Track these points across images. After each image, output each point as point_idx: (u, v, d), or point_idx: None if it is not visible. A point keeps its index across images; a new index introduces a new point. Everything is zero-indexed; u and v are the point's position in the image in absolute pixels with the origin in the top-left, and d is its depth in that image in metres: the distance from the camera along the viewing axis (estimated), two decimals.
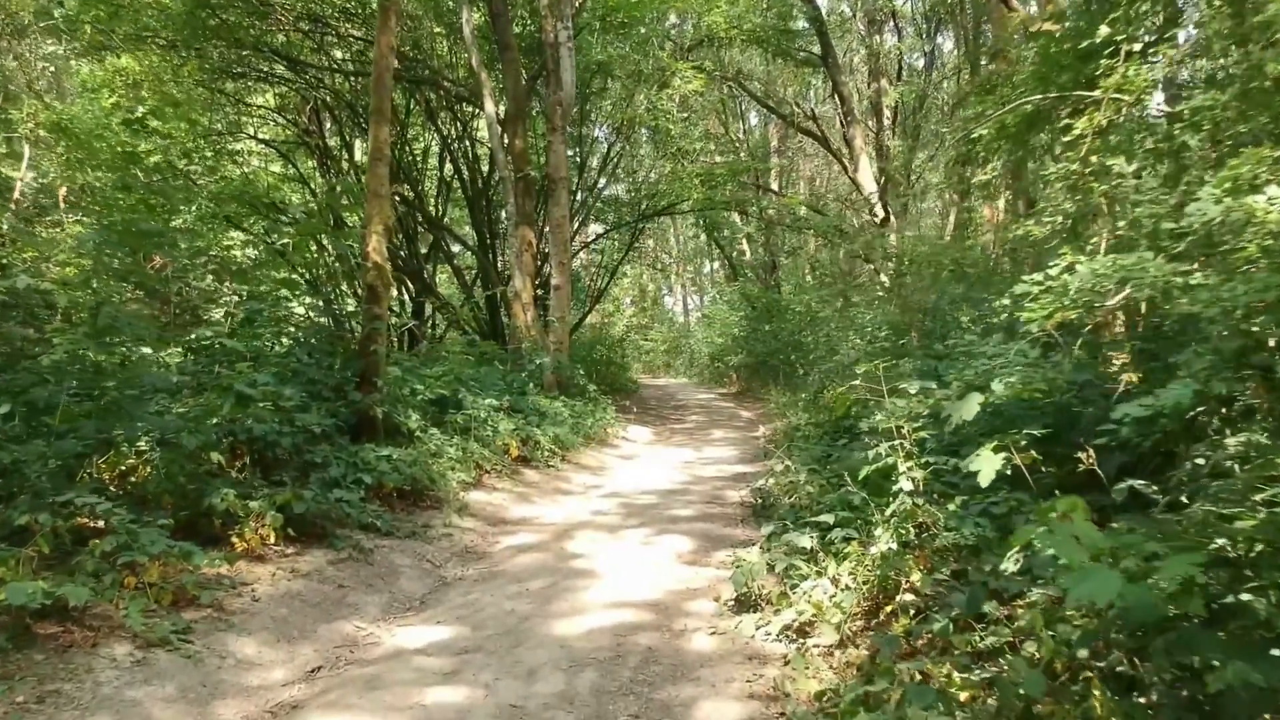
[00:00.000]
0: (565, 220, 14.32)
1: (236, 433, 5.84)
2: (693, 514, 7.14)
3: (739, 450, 11.63)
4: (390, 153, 7.78)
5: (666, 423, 16.33)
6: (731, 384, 25.32)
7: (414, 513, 6.73)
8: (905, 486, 3.63)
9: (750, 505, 7.28)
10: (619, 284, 31.66)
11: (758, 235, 27.27)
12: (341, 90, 18.06)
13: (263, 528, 5.29)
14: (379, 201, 7.38)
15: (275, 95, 20.76)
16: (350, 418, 7.10)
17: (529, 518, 7.32)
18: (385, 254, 7.39)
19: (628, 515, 7.16)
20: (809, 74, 25.63)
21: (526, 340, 13.63)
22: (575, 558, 5.87)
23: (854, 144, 19.47)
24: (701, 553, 5.93)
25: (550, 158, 14.03)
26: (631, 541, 6.29)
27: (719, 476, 9.21)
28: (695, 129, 19.89)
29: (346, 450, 6.54)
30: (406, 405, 7.62)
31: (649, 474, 9.54)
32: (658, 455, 11.51)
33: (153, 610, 4.26)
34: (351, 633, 4.58)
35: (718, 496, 7.98)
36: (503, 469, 8.50)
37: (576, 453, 10.46)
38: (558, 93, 13.58)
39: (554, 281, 14.07)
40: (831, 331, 19.11)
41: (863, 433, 8.18)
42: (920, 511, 3.71)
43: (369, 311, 7.31)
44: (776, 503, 6.82)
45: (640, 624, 4.52)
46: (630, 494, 8.24)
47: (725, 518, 6.96)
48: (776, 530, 5.66)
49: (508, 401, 9.64)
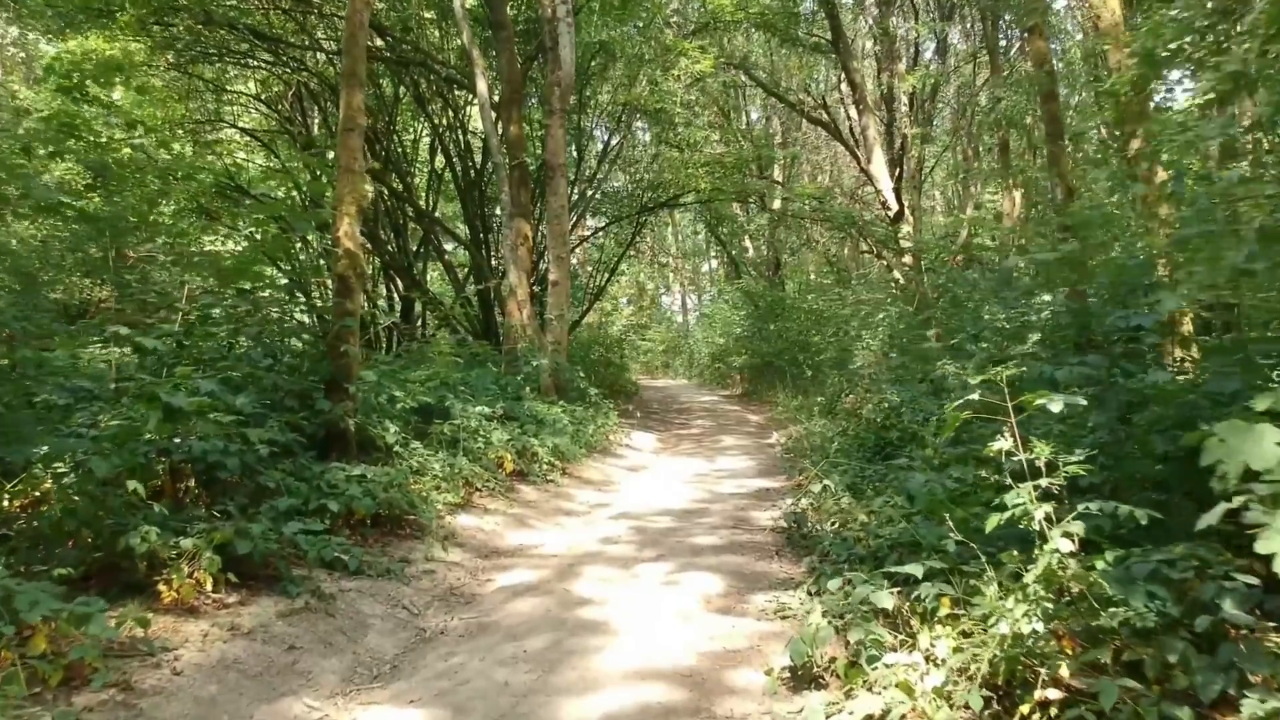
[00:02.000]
0: (563, 211, 13.29)
1: (172, 452, 4.82)
2: (718, 542, 6.12)
3: (754, 460, 10.63)
4: (365, 122, 6.73)
5: (671, 428, 15.31)
6: (734, 386, 24.35)
7: (390, 544, 5.69)
8: (1062, 546, 2.63)
9: (783, 531, 6.27)
10: (617, 282, 30.67)
11: (761, 232, 26.28)
12: (326, 75, 17.01)
13: (198, 571, 4.27)
14: (351, 178, 6.34)
15: (257, 82, 19.75)
16: (317, 430, 6.06)
17: (526, 547, 6.29)
18: (358, 239, 6.35)
19: (642, 544, 6.13)
20: (814, 64, 24.69)
21: (522, 340, 12.61)
22: (583, 604, 4.85)
23: (867, 134, 18.49)
24: (736, 596, 4.92)
25: (548, 143, 12.99)
26: (650, 580, 5.26)
27: (739, 493, 8.20)
28: (700, 117, 18.89)
29: (310, 470, 5.51)
30: (384, 415, 6.59)
31: (661, 490, 8.52)
32: (667, 466, 10.49)
33: (34, 696, 3.25)
34: (300, 716, 3.55)
35: (743, 518, 6.97)
36: (496, 487, 7.47)
37: (578, 465, 9.43)
38: (556, 72, 12.55)
39: (551, 277, 13.04)
40: (849, 330, 18.15)
41: (898, 446, 7.22)
42: (1072, 577, 2.69)
43: (339, 306, 6.27)
44: (816, 531, 5.82)
45: (673, 707, 3.50)
46: (642, 515, 7.22)
47: (757, 548, 5.94)
48: (825, 571, 4.67)
49: (501, 409, 8.61)
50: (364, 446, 6.38)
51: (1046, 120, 11.77)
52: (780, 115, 27.42)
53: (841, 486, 6.13)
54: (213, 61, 17.39)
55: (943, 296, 14.44)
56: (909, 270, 17.28)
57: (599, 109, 18.06)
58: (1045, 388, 3.48)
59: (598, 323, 25.80)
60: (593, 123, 17.62)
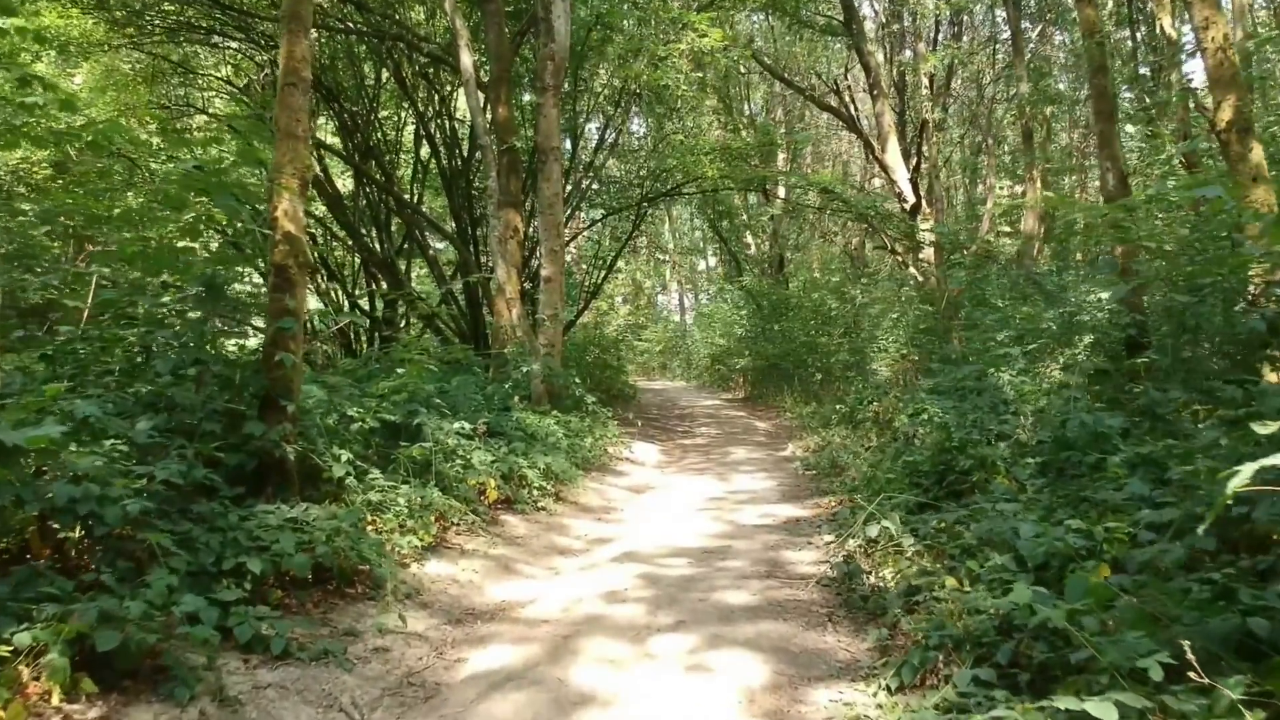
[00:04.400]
0: (558, 200, 12.05)
1: (25, 501, 3.57)
2: (751, 600, 4.88)
3: (773, 480, 9.39)
4: (310, 76, 5.47)
5: (674, 437, 14.08)
6: (737, 389, 23.14)
7: (334, 609, 4.44)
8: None
9: (831, 583, 5.04)
10: (612, 280, 29.43)
11: (764, 227, 25.07)
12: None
13: (42, 677, 3.03)
14: (292, 144, 5.08)
15: (229, 66, 18.47)
16: (247, 461, 4.81)
17: (511, 604, 5.04)
18: (302, 220, 5.09)
19: (656, 602, 4.89)
20: (823, 47, 23.51)
21: (512, 342, 11.37)
22: (584, 702, 3.61)
23: (882, 121, 17.29)
24: (788, 690, 3.68)
25: (540, 124, 11.75)
26: (670, 661, 4.02)
27: (765, 524, 6.96)
28: (704, 102, 17.67)
29: (227, 518, 4.25)
30: (334, 439, 5.33)
31: (671, 519, 7.29)
32: (675, 486, 9.25)
33: None
34: None
35: (776, 562, 5.73)
36: (476, 521, 6.22)
37: (574, 487, 8.19)
38: (549, 44, 11.30)
39: (544, 273, 11.80)
40: (861, 331, 16.95)
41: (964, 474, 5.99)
42: None
43: (276, 303, 5.00)
44: (877, 589, 4.60)
45: None
46: (652, 556, 5.98)
47: (801, 610, 4.70)
48: (910, 663, 3.46)
49: (484, 424, 7.36)
50: (310, 479, 5.12)
51: (1095, 97, 10.57)
52: (784, 105, 26.25)
53: (905, 530, 4.89)
54: (178, 41, 16.14)
55: (965, 294, 13.23)
56: (926, 266, 16.10)
57: (596, 94, 16.82)
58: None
59: (594, 322, 24.56)
60: (589, 105, 16.35)
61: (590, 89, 16.63)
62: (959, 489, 5.74)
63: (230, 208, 4.89)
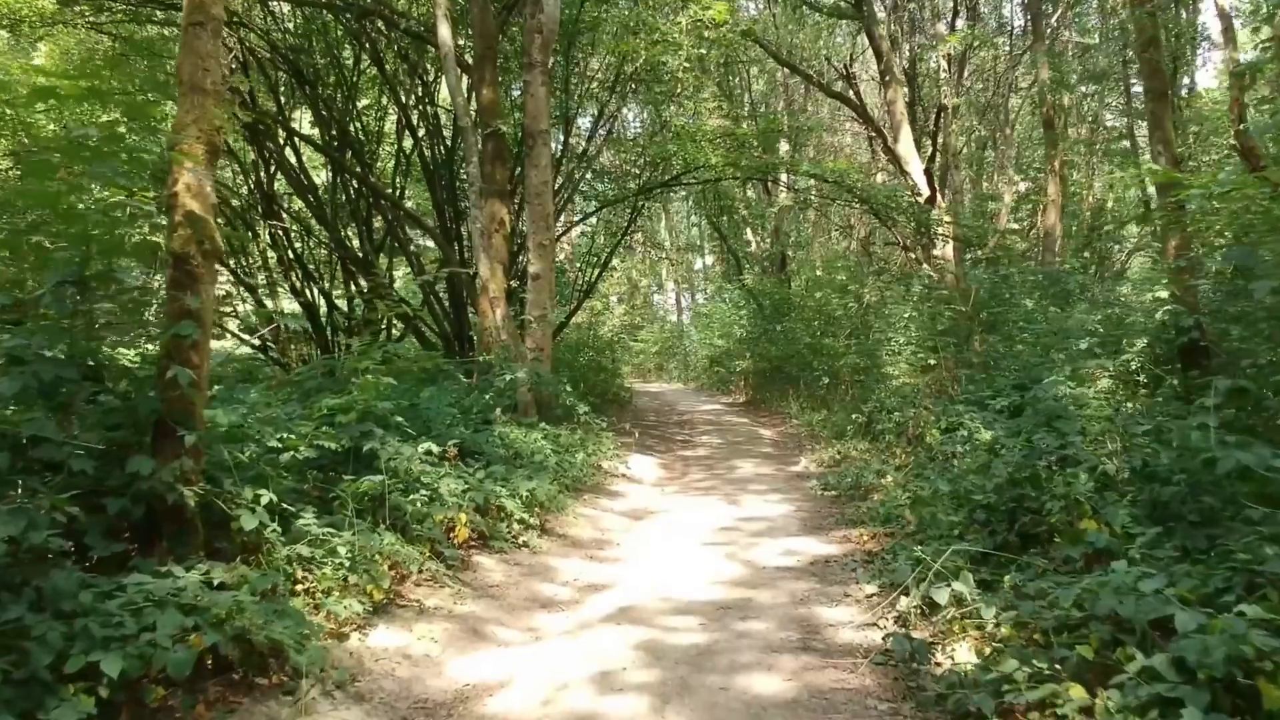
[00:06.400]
0: (546, 189, 10.94)
1: None
2: (786, 689, 3.78)
3: (790, 501, 8.30)
4: (223, 17, 4.34)
5: (674, 448, 12.99)
6: (737, 392, 22.07)
7: (235, 710, 3.33)
8: None
9: (887, 659, 3.94)
10: (607, 279, 28.32)
11: (767, 223, 23.99)
12: (279, 43, 14.58)
13: None
14: (198, 100, 3.96)
15: None
16: (132, 509, 3.70)
17: (473, 692, 3.91)
18: (210, 196, 3.96)
19: (663, 691, 3.78)
20: (827, 38, 22.49)
21: (496, 346, 10.26)
22: None
23: (894, 109, 16.22)
24: None
25: (528, 104, 10.65)
26: None
27: (789, 566, 5.85)
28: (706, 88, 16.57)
29: (74, 598, 3.13)
30: (249, 478, 4.21)
31: (676, 558, 6.17)
32: (678, 511, 8.14)
33: None
34: None
35: (810, 625, 4.62)
36: (440, 568, 5.12)
37: (562, 516, 7.09)
38: (537, 16, 10.19)
39: (532, 269, 10.68)
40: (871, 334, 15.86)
41: (1041, 516, 4.89)
42: None
43: (174, 303, 3.88)
44: (961, 688, 3.49)
45: None
46: (655, 613, 4.88)
47: (855, 702, 3.60)
48: None
49: (454, 446, 6.25)
50: (220, 527, 4.01)
51: (1146, 74, 9.53)
52: (786, 95, 25.15)
53: (983, 598, 3.80)
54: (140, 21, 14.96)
55: (984, 291, 12.15)
56: (942, 263, 15.03)
57: (589, 79, 15.70)
58: None
59: (587, 323, 23.43)
60: (582, 90, 15.23)
61: (583, 71, 15.53)
62: (1033, 533, 4.65)
63: (106, 177, 3.77)
